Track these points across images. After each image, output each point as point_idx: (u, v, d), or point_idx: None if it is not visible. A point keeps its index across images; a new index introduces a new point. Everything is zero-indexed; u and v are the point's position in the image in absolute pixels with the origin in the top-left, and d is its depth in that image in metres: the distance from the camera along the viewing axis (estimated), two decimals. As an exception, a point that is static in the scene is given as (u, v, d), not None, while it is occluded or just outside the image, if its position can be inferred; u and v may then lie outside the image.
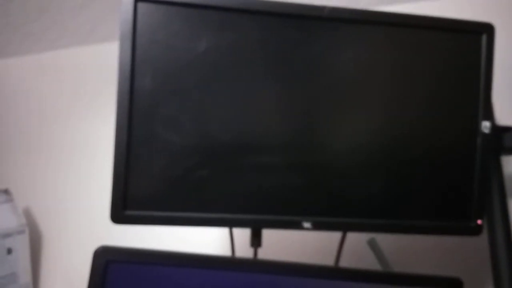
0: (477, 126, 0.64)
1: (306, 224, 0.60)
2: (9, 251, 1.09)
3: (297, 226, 0.60)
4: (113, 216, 0.58)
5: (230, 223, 0.61)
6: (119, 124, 0.57)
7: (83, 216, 1.18)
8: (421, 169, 0.63)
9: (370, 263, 0.81)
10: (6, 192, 1.14)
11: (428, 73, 0.63)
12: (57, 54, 1.31)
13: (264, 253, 0.67)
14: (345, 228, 0.64)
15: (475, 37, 0.64)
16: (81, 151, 1.22)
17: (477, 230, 0.64)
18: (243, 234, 0.75)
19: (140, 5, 0.58)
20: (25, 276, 1.13)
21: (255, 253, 0.65)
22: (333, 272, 0.56)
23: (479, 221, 0.64)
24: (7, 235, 1.09)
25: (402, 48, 0.63)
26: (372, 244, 0.82)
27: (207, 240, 1.02)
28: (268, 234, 0.70)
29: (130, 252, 0.54)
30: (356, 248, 0.84)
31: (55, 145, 1.27)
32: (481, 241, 0.74)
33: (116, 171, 0.57)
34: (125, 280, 0.53)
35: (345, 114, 0.62)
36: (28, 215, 1.24)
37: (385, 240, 0.84)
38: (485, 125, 0.63)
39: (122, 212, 0.58)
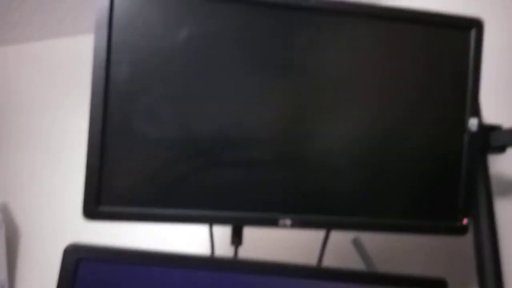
0: (464, 123, 0.62)
1: (288, 222, 0.58)
2: (-16, 247, 1.06)
3: (278, 223, 0.58)
4: (86, 212, 0.55)
5: (210, 220, 0.58)
6: (93, 113, 0.54)
7: (61, 213, 1.15)
8: (407, 167, 0.62)
9: (354, 263, 0.80)
10: (-19, 186, 1.10)
11: (415, 69, 0.62)
12: (37, 45, 1.27)
13: (245, 252, 0.65)
14: (327, 226, 0.62)
15: (463, 32, 0.62)
16: (59, 146, 1.19)
17: (463, 230, 0.63)
18: (223, 232, 0.73)
19: (118, -10, 0.55)
20: (0, 273, 1.10)
21: (236, 252, 0.63)
22: (315, 272, 0.55)
23: (465, 221, 0.62)
24: (-19, 231, 1.05)
25: (388, 42, 0.61)
26: (356, 244, 0.81)
27: (186, 238, 0.99)
28: (249, 232, 0.68)
29: (103, 250, 0.51)
30: (341, 248, 0.83)
31: (32, 140, 1.23)
32: (466, 241, 0.73)
33: (89, 163, 0.54)
34: (97, 280, 0.51)
35: (329, 110, 0.60)
36: (4, 210, 1.20)
37: (370, 240, 0.82)
38: (472, 123, 0.62)
39: (95, 207, 0.55)
